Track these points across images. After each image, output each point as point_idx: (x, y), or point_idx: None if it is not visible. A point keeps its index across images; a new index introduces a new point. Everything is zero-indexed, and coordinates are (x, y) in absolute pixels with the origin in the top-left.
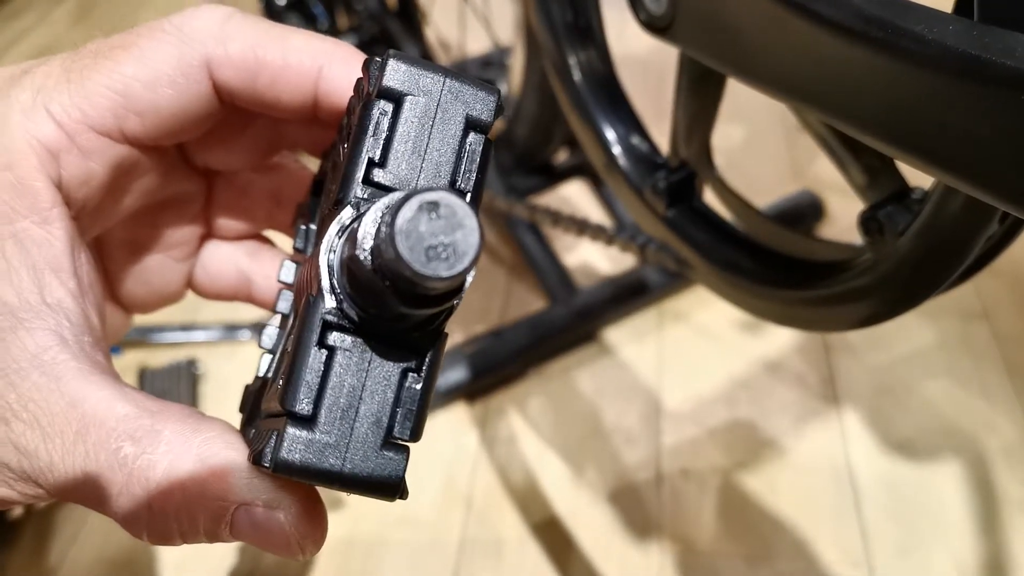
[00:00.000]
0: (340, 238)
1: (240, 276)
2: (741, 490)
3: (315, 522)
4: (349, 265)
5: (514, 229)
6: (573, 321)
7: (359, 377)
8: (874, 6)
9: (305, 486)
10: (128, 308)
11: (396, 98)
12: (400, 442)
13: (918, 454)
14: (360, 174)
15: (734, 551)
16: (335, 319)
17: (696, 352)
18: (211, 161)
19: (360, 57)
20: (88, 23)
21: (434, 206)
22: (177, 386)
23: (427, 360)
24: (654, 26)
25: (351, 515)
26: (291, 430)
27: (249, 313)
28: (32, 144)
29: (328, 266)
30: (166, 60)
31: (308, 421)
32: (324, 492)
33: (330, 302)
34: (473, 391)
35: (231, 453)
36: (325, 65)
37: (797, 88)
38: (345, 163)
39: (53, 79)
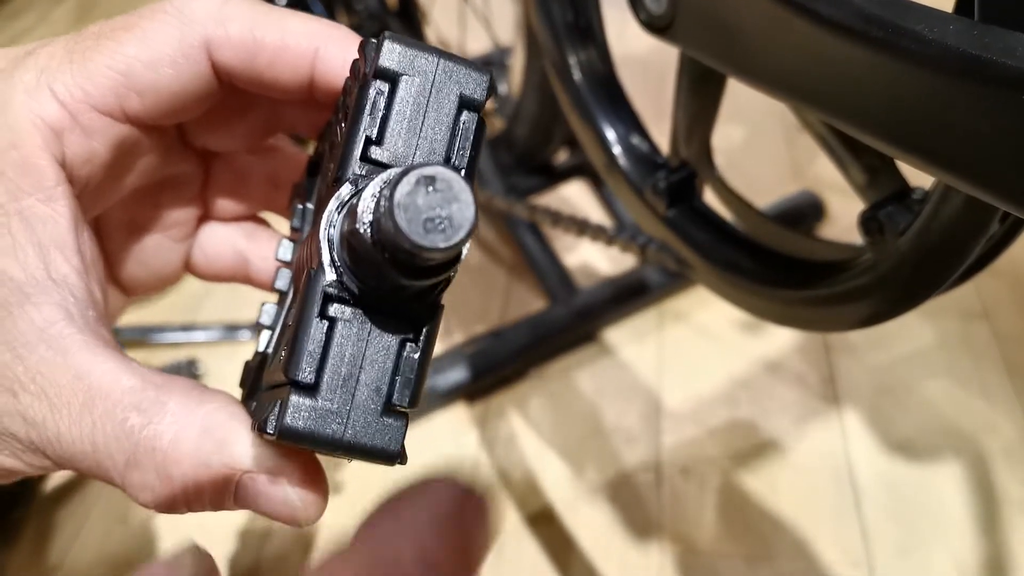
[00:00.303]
0: (339, 213)
1: (237, 257)
2: (741, 490)
3: (317, 489)
4: (349, 239)
5: (514, 229)
6: (573, 321)
7: (359, 347)
8: (874, 6)
9: (306, 455)
10: (127, 290)
11: (392, 78)
12: (399, 409)
13: (918, 454)
14: (358, 152)
15: (734, 551)
16: (336, 291)
17: (696, 352)
18: (209, 142)
19: (356, 39)
20: (88, 23)
21: (431, 180)
22: None
23: (425, 330)
24: (654, 26)
25: (352, 513)
26: (294, 398)
27: (249, 313)
28: (36, 123)
29: (328, 240)
30: (167, 41)
31: (311, 389)
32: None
33: (331, 275)
34: (473, 391)
35: (235, 423)
36: (322, 46)
37: (797, 88)
38: (343, 142)
39: (56, 59)
